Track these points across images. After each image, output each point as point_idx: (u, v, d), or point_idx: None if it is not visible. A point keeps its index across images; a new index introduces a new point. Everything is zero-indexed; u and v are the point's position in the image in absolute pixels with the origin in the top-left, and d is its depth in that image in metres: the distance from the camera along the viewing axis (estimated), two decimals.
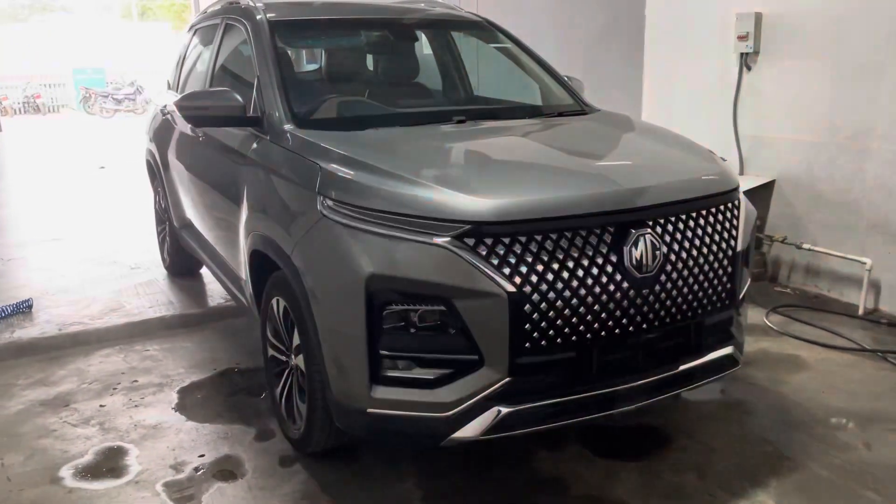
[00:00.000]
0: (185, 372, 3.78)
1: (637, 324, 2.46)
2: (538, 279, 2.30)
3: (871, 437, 3.00)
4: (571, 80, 4.04)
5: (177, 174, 4.59)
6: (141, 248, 6.06)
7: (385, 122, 3.20)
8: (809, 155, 4.62)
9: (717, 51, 5.08)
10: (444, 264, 2.29)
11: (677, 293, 2.52)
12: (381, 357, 2.39)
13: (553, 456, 2.90)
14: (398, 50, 4.04)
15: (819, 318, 4.25)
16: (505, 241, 2.30)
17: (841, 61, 4.36)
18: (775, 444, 2.95)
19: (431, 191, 2.40)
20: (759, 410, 3.24)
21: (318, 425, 2.74)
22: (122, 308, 4.70)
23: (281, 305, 2.90)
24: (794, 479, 2.72)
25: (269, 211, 2.95)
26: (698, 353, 2.66)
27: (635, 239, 2.41)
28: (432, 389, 2.38)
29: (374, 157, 2.64)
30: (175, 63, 5.09)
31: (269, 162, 3.04)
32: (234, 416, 3.31)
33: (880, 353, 3.76)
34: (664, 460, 2.86)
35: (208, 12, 4.63)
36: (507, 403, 2.36)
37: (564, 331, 2.35)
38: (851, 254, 4.40)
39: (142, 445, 3.08)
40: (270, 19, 3.56)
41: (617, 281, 2.39)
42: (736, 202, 2.78)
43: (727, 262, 2.66)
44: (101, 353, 4.05)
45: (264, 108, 3.19)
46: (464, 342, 2.33)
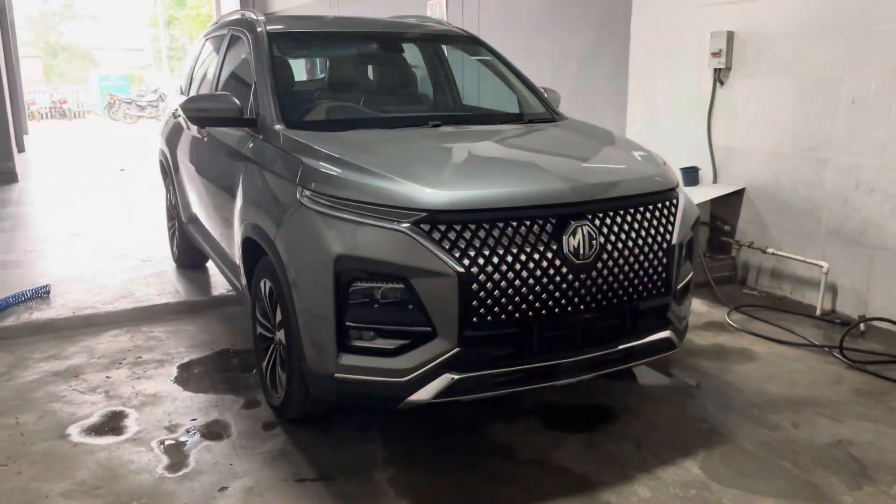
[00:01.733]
0: (185, 351, 4.14)
1: (575, 304, 2.78)
2: (484, 262, 2.62)
3: (801, 419, 3.29)
4: (548, 92, 4.37)
5: (185, 173, 4.98)
6: (153, 243, 6.45)
7: (366, 125, 3.56)
8: (775, 165, 4.91)
9: (694, 67, 5.39)
10: (402, 247, 2.62)
11: (613, 279, 2.84)
12: (347, 328, 2.73)
13: (507, 427, 3.22)
14: (386, 61, 4.41)
15: (778, 318, 4.53)
16: (456, 227, 2.63)
17: (802, 77, 4.66)
18: (711, 423, 3.25)
19: (394, 182, 2.74)
20: (702, 395, 3.53)
21: (295, 393, 3.08)
22: (132, 295, 5.07)
23: (267, 287, 3.25)
24: (720, 451, 3.01)
25: (259, 202, 3.30)
26: (634, 334, 2.97)
27: (573, 229, 2.73)
28: (392, 357, 2.71)
29: (349, 154, 2.99)
30: (187, 69, 5.49)
31: (261, 158, 3.39)
32: (226, 388, 3.65)
33: (826, 349, 4.03)
34: (606, 433, 3.17)
35: (219, 23, 5.03)
36: (458, 371, 2.68)
37: (508, 308, 2.68)
38: (811, 258, 4.68)
39: (141, 410, 3.43)
40: (269, 31, 3.94)
41: (556, 266, 2.72)
42: (674, 201, 3.09)
43: (661, 253, 2.97)
44: (110, 334, 4.42)
45: (259, 110, 3.55)
46: (419, 316, 2.66)
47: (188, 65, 5.53)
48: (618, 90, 6.20)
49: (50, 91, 27.13)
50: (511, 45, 7.43)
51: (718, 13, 5.16)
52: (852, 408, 3.39)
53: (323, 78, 4.38)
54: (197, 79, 5.19)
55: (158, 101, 24.80)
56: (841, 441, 3.09)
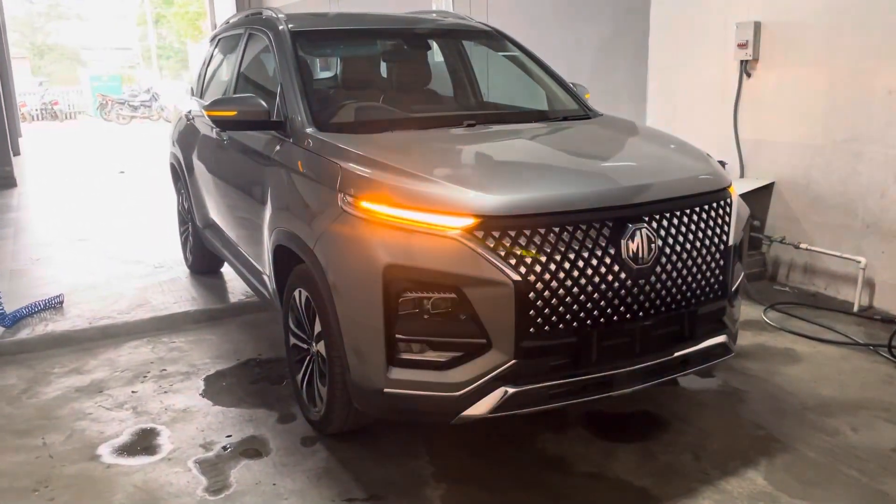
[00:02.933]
0: (210, 362, 4.01)
1: (634, 312, 2.66)
2: (541, 269, 2.50)
3: (858, 422, 3.18)
4: (576, 87, 4.24)
5: (200, 176, 4.83)
6: (163, 248, 6.30)
7: (400, 126, 3.42)
8: (806, 158, 4.80)
9: (718, 58, 5.27)
10: (454, 255, 2.49)
11: (672, 284, 2.72)
12: (396, 341, 2.60)
13: (557, 438, 3.10)
14: (412, 58, 4.26)
15: (815, 315, 4.43)
16: (511, 233, 2.50)
17: (835, 67, 4.54)
18: (767, 429, 3.14)
19: (443, 188, 2.61)
20: (753, 399, 3.42)
21: (337, 407, 2.95)
22: (149, 303, 4.93)
23: (303, 296, 3.11)
24: (783, 460, 2.90)
25: (293, 208, 3.17)
26: (692, 340, 2.85)
27: (632, 233, 2.61)
28: (444, 371, 2.58)
29: (390, 158, 2.86)
30: (198, 71, 5.34)
31: (291, 163, 3.25)
32: (258, 401, 3.52)
33: (871, 347, 3.93)
34: (660, 442, 3.06)
35: (231, 23, 4.88)
36: (513, 384, 2.55)
37: (566, 317, 2.56)
38: (847, 253, 4.58)
39: (173, 427, 3.30)
40: (292, 30, 3.79)
41: (614, 271, 2.59)
42: (728, 200, 2.97)
43: (719, 255, 2.85)
44: (131, 345, 4.28)
45: (287, 112, 3.41)
46: (473, 327, 2.53)
47: (200, 66, 5.37)
48: (637, 83, 6.08)
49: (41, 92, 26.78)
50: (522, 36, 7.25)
51: (744, 3, 5.04)
52: None
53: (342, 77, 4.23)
54: (211, 81, 5.03)
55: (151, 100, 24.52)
56: None
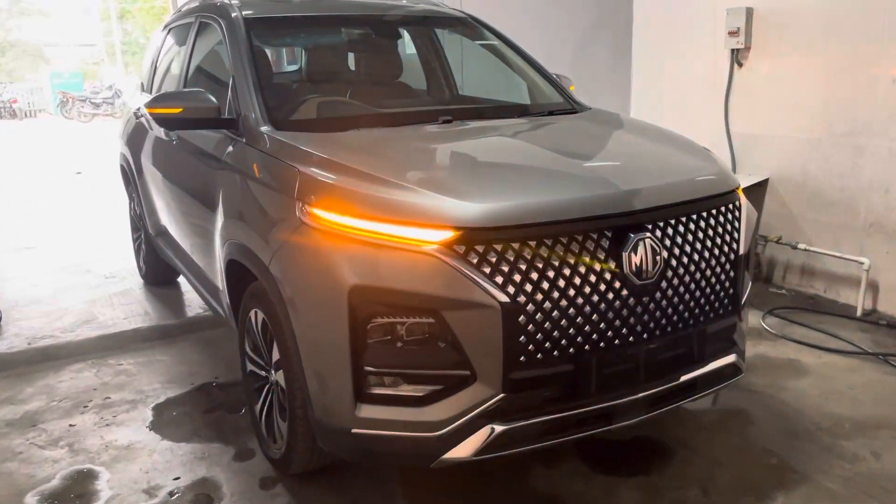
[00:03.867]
0: (160, 387, 3.60)
1: (637, 333, 2.32)
2: (533, 288, 2.15)
3: (879, 445, 2.88)
4: (560, 78, 3.90)
5: (151, 179, 4.41)
6: (117, 256, 5.86)
7: (367, 123, 3.05)
8: (804, 152, 4.51)
9: (708, 47, 4.97)
10: (431, 273, 2.13)
11: (679, 300, 2.39)
12: (365, 373, 2.24)
13: (549, 472, 2.76)
14: (380, 48, 3.89)
15: (817, 321, 4.14)
16: (497, 247, 2.15)
17: (835, 55, 4.25)
18: (780, 456, 2.82)
19: (417, 195, 2.24)
20: (761, 420, 3.11)
21: (299, 445, 2.58)
22: (96, 320, 4.51)
23: (259, 318, 2.74)
24: (801, 493, 2.59)
25: (246, 218, 2.78)
26: (700, 362, 2.52)
27: (634, 244, 2.27)
28: (421, 407, 2.23)
29: (356, 160, 2.49)
30: (148, 64, 4.90)
31: (245, 166, 2.87)
32: (212, 434, 3.13)
33: (882, 357, 3.65)
34: (665, 475, 2.73)
35: (183, 10, 4.45)
36: (502, 421, 2.21)
37: (561, 343, 2.21)
38: (849, 254, 4.29)
39: (113, 468, 2.90)
40: (246, 16, 3.40)
41: (616, 289, 2.25)
42: (737, 203, 2.64)
43: (730, 266, 2.53)
44: (73, 369, 3.85)
45: (240, 109, 3.02)
46: (454, 356, 2.18)
47: (148, 59, 4.94)
48: (620, 75, 5.75)
49: None
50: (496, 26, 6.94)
51: None
52: None
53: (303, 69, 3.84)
54: (160, 74, 4.61)
55: (114, 97, 23.81)
56: None
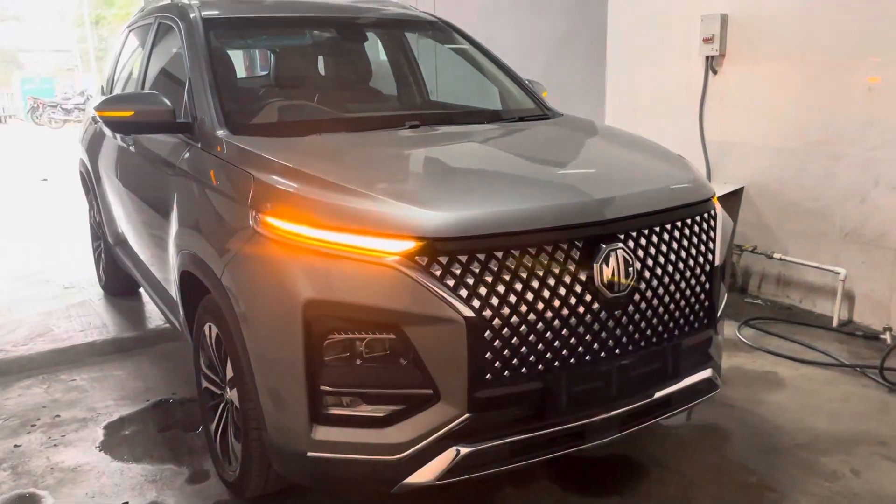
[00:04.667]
0: (113, 404, 3.43)
1: (609, 349, 2.22)
2: (499, 302, 2.03)
3: (858, 462, 2.80)
4: (532, 84, 3.80)
5: (109, 187, 4.24)
6: (77, 265, 5.66)
7: (330, 128, 2.92)
8: (779, 161, 4.46)
9: (682, 54, 4.90)
10: (392, 286, 2.01)
11: (652, 314, 2.28)
12: (322, 393, 2.10)
13: (519, 493, 2.63)
14: (348, 51, 3.76)
15: (793, 331, 4.07)
16: (461, 259, 2.03)
17: (810, 62, 4.20)
18: (758, 474, 2.73)
19: (377, 203, 2.12)
20: (738, 435, 3.02)
21: (254, 468, 2.43)
22: (50, 332, 4.32)
23: (213, 333, 2.59)
24: None
25: (199, 227, 2.64)
26: (675, 378, 2.42)
27: (606, 255, 2.16)
28: (382, 429, 2.10)
29: (315, 167, 2.36)
30: (109, 66, 4.74)
31: (199, 172, 2.73)
32: (166, 454, 2.97)
33: (859, 369, 3.58)
34: (639, 495, 2.62)
35: (144, 11, 4.30)
36: (467, 442, 2.08)
37: (529, 359, 2.10)
38: (824, 263, 4.23)
39: (57, 492, 2.73)
40: (206, 17, 3.26)
41: (587, 302, 2.15)
42: (712, 212, 2.55)
43: (705, 277, 2.43)
44: (22, 385, 3.67)
45: (196, 112, 2.87)
46: (416, 375, 2.05)
47: (110, 62, 4.77)
48: (594, 82, 5.68)
49: None
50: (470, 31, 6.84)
51: None
52: None
53: (268, 73, 3.71)
54: (121, 78, 4.44)
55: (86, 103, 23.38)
56: None
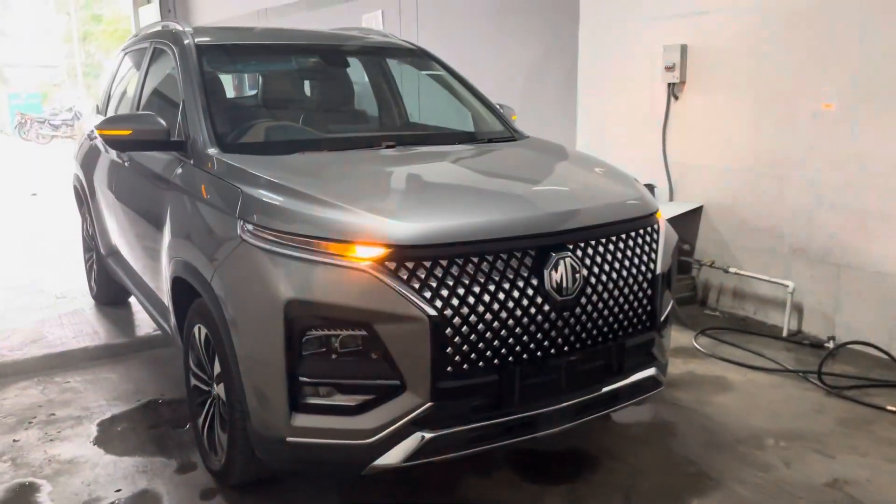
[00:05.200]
0: (106, 404, 3.65)
1: (559, 346, 2.48)
2: (459, 302, 2.30)
3: (791, 455, 3.07)
4: (503, 108, 4.10)
5: (103, 200, 4.47)
6: (69, 276, 5.87)
7: (313, 147, 3.19)
8: (734, 181, 4.77)
9: (646, 81, 5.23)
10: (364, 288, 2.27)
11: (598, 315, 2.56)
12: (300, 384, 2.35)
13: (481, 482, 2.88)
14: (330, 76, 4.04)
15: (745, 341, 4.36)
16: (426, 264, 2.29)
17: (760, 91, 4.53)
18: (699, 465, 2.99)
19: (353, 215, 2.39)
20: (684, 432, 3.29)
21: (238, 456, 2.67)
22: (44, 339, 4.53)
23: (202, 333, 2.83)
24: (715, 499, 2.76)
25: (191, 237, 2.89)
26: (620, 374, 2.69)
27: (555, 262, 2.44)
28: (353, 416, 2.35)
29: (297, 182, 2.62)
30: (104, 87, 4.99)
31: (192, 187, 2.98)
32: (155, 448, 3.19)
33: (801, 374, 3.87)
34: (590, 483, 2.87)
35: (139, 35, 4.57)
36: (430, 428, 2.34)
37: (486, 354, 2.36)
38: (775, 277, 4.54)
39: (55, 481, 2.95)
40: (198, 44, 3.53)
41: (538, 304, 2.41)
42: (655, 226, 2.84)
43: (647, 284, 2.71)
44: (18, 386, 3.88)
45: (189, 132, 3.14)
46: (385, 367, 2.31)
47: (105, 82, 5.02)
48: (567, 105, 6.00)
49: None
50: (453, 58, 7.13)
51: (671, 26, 5.01)
52: (840, 440, 3.20)
53: (257, 95, 3.98)
54: (116, 97, 4.70)
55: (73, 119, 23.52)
56: (837, 480, 2.88)
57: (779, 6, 4.35)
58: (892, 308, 4.01)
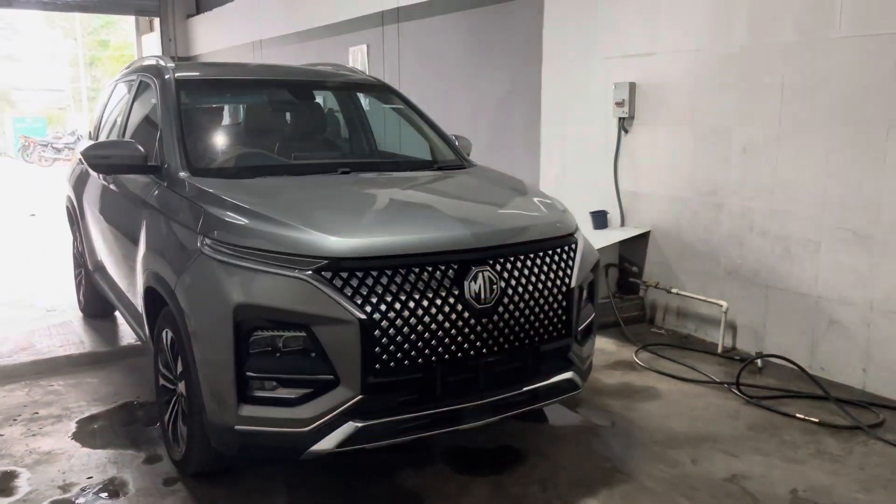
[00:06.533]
0: (86, 405, 3.98)
1: (477, 348, 2.83)
2: (386, 308, 2.65)
3: (699, 454, 3.40)
4: (459, 140, 4.48)
5: (91, 219, 4.84)
6: (60, 291, 6.22)
7: (274, 172, 3.57)
8: (677, 209, 5.15)
9: (601, 115, 5.63)
10: (304, 294, 2.62)
11: (514, 322, 2.90)
12: (248, 378, 2.69)
13: (417, 473, 3.21)
14: (298, 108, 4.44)
15: (682, 356, 4.70)
16: (358, 274, 2.65)
17: (698, 126, 4.93)
18: (614, 462, 3.32)
19: (295, 230, 2.75)
20: (607, 433, 3.62)
21: (196, 446, 3.00)
22: (33, 347, 4.87)
23: (169, 337, 3.18)
24: (622, 490, 3.08)
25: (161, 250, 3.25)
26: (537, 376, 3.03)
27: (475, 275, 2.80)
28: (294, 407, 2.68)
29: (252, 202, 2.99)
30: (97, 114, 5.39)
31: (164, 206, 3.35)
32: (127, 443, 3.52)
33: (726, 385, 4.20)
34: (514, 475, 3.20)
35: (130, 68, 4.97)
36: (361, 419, 2.68)
37: (411, 354, 2.70)
38: (711, 297, 4.89)
39: (34, 469, 3.27)
40: (178, 78, 3.92)
41: (458, 311, 2.76)
42: (573, 245, 3.20)
43: (561, 296, 3.06)
44: (6, 388, 4.21)
45: (164, 157, 3.51)
46: (322, 364, 2.65)
47: (98, 109, 5.43)
48: (532, 137, 6.40)
49: None
50: (430, 90, 7.61)
51: (621, 65, 5.42)
52: (748, 442, 3.53)
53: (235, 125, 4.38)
54: (107, 124, 5.09)
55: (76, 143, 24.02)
56: (735, 475, 3.21)
57: (713, 50, 4.77)
58: (812, 326, 4.36)
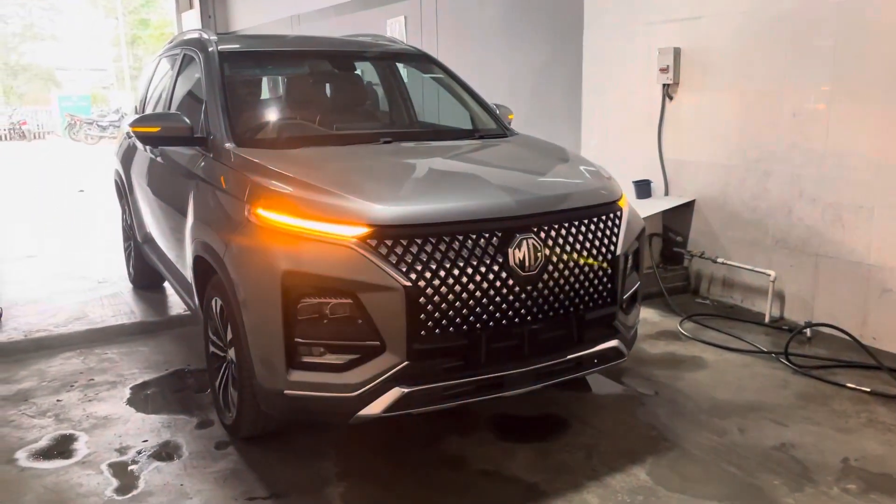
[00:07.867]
0: (138, 372, 4.10)
1: (522, 316, 2.83)
2: (431, 275, 2.66)
3: (747, 423, 3.36)
4: (500, 108, 4.44)
5: (139, 192, 4.95)
6: (110, 264, 6.39)
7: (317, 143, 3.59)
8: (723, 177, 5.04)
9: (643, 82, 5.52)
10: (350, 263, 2.65)
11: (559, 290, 2.89)
12: (296, 344, 2.74)
13: (461, 440, 3.24)
14: (339, 79, 4.45)
15: (728, 326, 4.63)
16: (403, 242, 2.66)
17: (746, 91, 4.80)
18: (659, 430, 3.31)
19: (340, 199, 2.77)
20: (653, 402, 3.60)
21: (247, 410, 3.07)
22: (86, 317, 5.01)
23: (218, 305, 3.24)
24: (668, 457, 3.07)
25: (209, 220, 3.30)
26: (581, 344, 3.02)
27: (519, 242, 2.79)
28: (341, 373, 2.73)
29: (298, 171, 3.02)
30: (142, 88, 5.48)
31: (211, 177, 3.40)
32: (179, 408, 3.63)
33: (774, 355, 4.13)
34: (558, 442, 3.21)
35: (173, 42, 5.03)
36: (407, 384, 2.70)
37: (455, 321, 2.71)
38: (759, 267, 4.80)
39: (92, 433, 3.39)
40: (221, 51, 3.95)
41: (502, 278, 2.76)
42: (618, 213, 3.16)
43: (606, 264, 3.03)
44: (63, 356, 4.36)
45: (210, 129, 3.56)
46: (368, 331, 2.68)
47: (143, 84, 5.51)
48: (573, 105, 6.31)
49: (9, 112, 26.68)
50: (468, 61, 7.54)
51: (665, 30, 5.30)
52: (797, 412, 3.48)
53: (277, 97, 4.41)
54: (152, 98, 5.17)
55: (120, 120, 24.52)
56: (784, 444, 3.17)
57: (762, 12, 4.62)
58: (864, 294, 4.25)
